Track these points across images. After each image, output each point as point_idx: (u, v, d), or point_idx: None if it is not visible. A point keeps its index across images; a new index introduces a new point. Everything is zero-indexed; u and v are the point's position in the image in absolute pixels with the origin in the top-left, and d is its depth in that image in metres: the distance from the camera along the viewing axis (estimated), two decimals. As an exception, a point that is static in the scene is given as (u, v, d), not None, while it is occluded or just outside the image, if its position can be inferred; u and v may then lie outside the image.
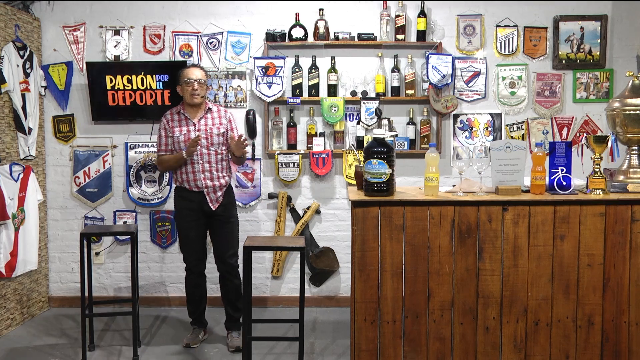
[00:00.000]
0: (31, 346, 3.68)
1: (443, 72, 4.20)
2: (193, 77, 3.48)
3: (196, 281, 3.68)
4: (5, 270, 3.82)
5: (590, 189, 2.71)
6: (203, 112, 3.56)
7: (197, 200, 3.54)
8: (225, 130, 3.58)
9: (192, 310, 3.74)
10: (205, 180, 3.51)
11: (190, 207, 3.56)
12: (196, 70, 3.52)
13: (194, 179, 3.51)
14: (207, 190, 3.53)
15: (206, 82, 3.57)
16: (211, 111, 3.59)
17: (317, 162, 4.28)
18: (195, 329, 3.75)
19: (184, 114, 3.55)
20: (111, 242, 4.47)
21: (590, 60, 4.33)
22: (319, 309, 4.39)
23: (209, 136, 3.52)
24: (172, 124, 3.55)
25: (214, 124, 3.56)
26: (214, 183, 3.53)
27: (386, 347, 2.64)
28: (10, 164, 3.90)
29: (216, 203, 3.56)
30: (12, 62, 3.91)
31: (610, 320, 2.64)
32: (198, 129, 3.51)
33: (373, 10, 4.31)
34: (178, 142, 3.52)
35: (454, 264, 2.63)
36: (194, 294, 3.70)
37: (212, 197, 3.55)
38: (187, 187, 3.54)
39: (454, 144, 4.35)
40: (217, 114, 3.60)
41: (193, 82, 3.47)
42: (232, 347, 3.59)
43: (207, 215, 3.58)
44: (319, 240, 4.44)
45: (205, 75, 3.57)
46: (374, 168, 2.62)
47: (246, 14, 4.34)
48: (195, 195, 3.54)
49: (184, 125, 3.53)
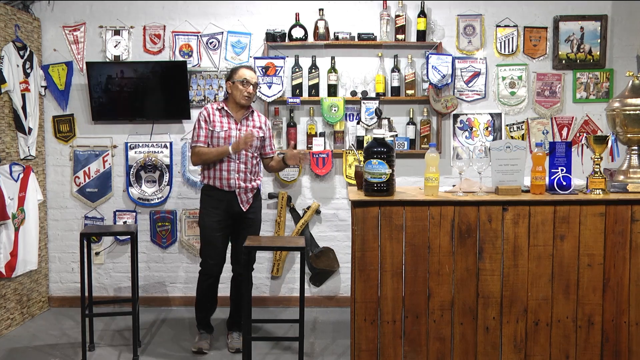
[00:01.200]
0: (31, 346, 3.68)
1: (443, 72, 4.20)
2: (251, 79, 3.47)
3: (213, 284, 3.58)
4: (5, 270, 3.82)
5: (590, 189, 2.71)
6: (247, 113, 3.55)
7: (227, 199, 3.48)
8: (264, 136, 3.58)
9: (201, 316, 3.64)
10: (238, 181, 3.46)
11: (218, 206, 3.49)
12: (252, 73, 3.54)
13: (228, 177, 3.45)
14: (239, 190, 3.48)
15: (257, 86, 3.60)
16: (254, 114, 3.59)
17: (317, 162, 4.28)
18: (203, 334, 3.65)
19: (227, 110, 3.50)
20: (111, 242, 4.47)
21: (590, 60, 4.33)
22: (319, 309, 4.39)
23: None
24: (213, 117, 3.48)
25: (255, 127, 3.54)
26: (247, 185, 3.49)
27: (386, 347, 2.64)
28: (10, 164, 3.90)
29: (247, 204, 3.52)
30: (12, 62, 3.91)
31: (610, 320, 2.64)
32: (239, 129, 3.49)
33: (373, 10, 4.31)
34: (217, 137, 3.45)
35: (454, 264, 2.63)
36: (207, 297, 3.60)
37: (243, 197, 3.50)
38: (217, 185, 3.47)
39: (454, 144, 4.35)
40: (258, 118, 3.60)
41: (249, 85, 3.46)
42: (232, 348, 3.57)
43: (235, 217, 3.52)
44: (319, 240, 4.44)
45: (257, 78, 3.61)
46: (374, 168, 2.62)
47: (246, 14, 4.34)
48: (226, 194, 3.47)
49: (225, 122, 3.48)
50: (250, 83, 3.47)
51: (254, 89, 3.50)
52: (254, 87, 3.49)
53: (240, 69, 3.53)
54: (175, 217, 4.43)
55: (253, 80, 3.49)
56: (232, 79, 3.51)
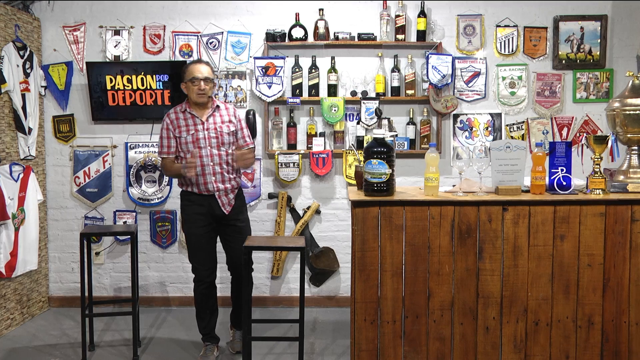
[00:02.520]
0: (31, 346, 3.68)
1: (443, 72, 4.20)
2: (199, 75, 3.22)
3: (207, 292, 3.40)
4: (5, 270, 3.82)
5: (590, 189, 2.71)
6: (211, 109, 3.32)
7: (207, 204, 3.29)
8: (235, 129, 3.35)
9: (203, 325, 3.44)
10: (216, 184, 3.27)
11: (200, 212, 3.30)
12: (202, 67, 3.27)
13: (204, 182, 3.25)
14: (219, 193, 3.29)
15: (213, 79, 3.31)
16: (219, 109, 3.35)
17: (317, 162, 4.28)
18: (209, 346, 3.44)
19: (191, 112, 3.29)
20: (111, 242, 4.47)
21: (590, 60, 4.32)
22: (319, 309, 4.39)
23: (219, 135, 3.28)
24: (177, 123, 3.28)
25: (223, 122, 3.32)
26: (226, 185, 3.30)
27: (386, 347, 2.64)
28: (10, 164, 3.90)
29: (229, 207, 3.33)
30: (12, 62, 3.91)
31: (610, 320, 2.64)
32: (206, 128, 3.27)
33: (373, 10, 4.31)
34: (186, 143, 3.26)
35: (454, 264, 2.63)
36: (206, 306, 3.41)
37: (223, 200, 3.31)
38: (196, 191, 3.28)
39: (454, 144, 4.35)
40: (225, 112, 3.36)
41: (199, 81, 3.22)
42: (233, 350, 3.55)
43: (218, 220, 3.35)
44: (319, 240, 4.44)
45: (211, 71, 3.32)
46: (374, 168, 2.62)
47: (246, 14, 4.34)
48: (206, 199, 3.29)
49: (191, 124, 3.27)
50: (200, 79, 3.21)
51: (206, 83, 3.23)
52: (205, 81, 3.23)
53: (189, 66, 3.30)
54: (175, 217, 4.43)
55: (203, 75, 3.23)
56: (185, 79, 3.29)
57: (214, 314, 3.47)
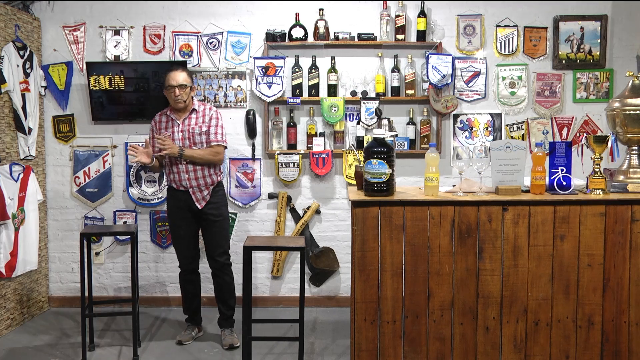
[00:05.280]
0: (31, 346, 3.68)
1: (443, 72, 4.20)
2: (173, 82, 3.49)
3: (189, 278, 3.75)
4: (5, 270, 3.82)
5: (590, 189, 2.71)
6: (188, 113, 3.60)
7: (184, 199, 3.60)
8: (207, 127, 3.59)
9: (185, 307, 3.81)
10: (189, 180, 3.56)
11: (178, 205, 3.63)
12: (177, 75, 3.51)
13: (179, 178, 3.57)
14: (193, 189, 3.58)
15: (189, 84, 3.55)
16: (196, 111, 3.62)
17: (317, 162, 4.28)
18: (189, 326, 3.81)
19: (171, 115, 3.62)
20: (111, 242, 4.47)
21: (590, 60, 4.33)
22: (319, 309, 4.39)
23: (191, 136, 3.56)
24: (159, 125, 3.63)
25: (196, 123, 3.58)
26: (199, 182, 3.57)
27: (386, 347, 2.64)
28: (10, 164, 3.90)
29: (203, 202, 3.61)
30: (12, 62, 3.91)
31: (610, 320, 2.64)
32: (181, 130, 3.57)
33: (373, 10, 4.31)
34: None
35: (454, 264, 2.63)
36: (187, 291, 3.77)
37: (197, 196, 3.59)
38: (174, 186, 3.62)
39: (454, 144, 4.35)
40: (201, 112, 3.61)
41: (174, 88, 3.49)
42: (225, 345, 3.65)
43: (196, 214, 3.63)
44: (319, 240, 4.44)
45: (187, 77, 3.55)
46: (374, 168, 2.62)
47: (246, 14, 4.34)
48: (182, 194, 3.60)
49: (169, 126, 3.60)
50: (174, 86, 3.47)
51: (180, 90, 3.49)
52: (180, 88, 3.48)
53: (167, 73, 3.56)
54: (175, 217, 4.43)
55: (177, 82, 3.48)
56: (164, 86, 3.57)
57: (195, 299, 3.80)
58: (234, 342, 3.62)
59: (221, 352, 3.57)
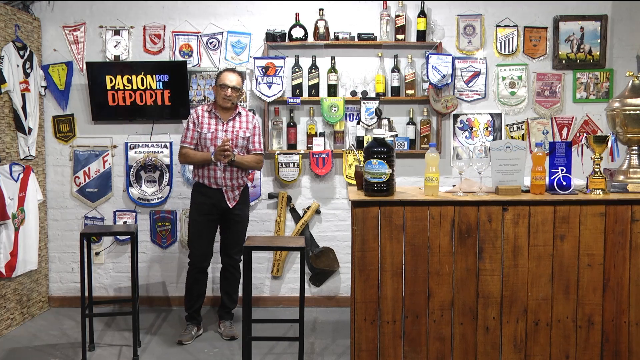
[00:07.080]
0: (31, 346, 3.68)
1: (443, 72, 4.20)
2: (228, 83, 3.60)
3: (198, 277, 3.77)
4: (5, 270, 3.82)
5: (590, 189, 2.71)
6: (233, 115, 3.69)
7: (215, 197, 3.66)
8: (250, 135, 3.71)
9: (189, 305, 3.81)
10: (225, 180, 3.63)
11: (207, 202, 3.68)
12: (233, 76, 3.63)
13: (215, 176, 3.63)
14: (226, 188, 3.66)
15: (241, 89, 3.70)
16: (240, 115, 3.72)
17: (317, 162, 4.28)
18: (189, 325, 3.81)
19: (215, 113, 3.67)
20: (111, 242, 4.47)
21: (590, 60, 4.33)
22: (319, 309, 4.39)
23: (235, 138, 3.65)
24: (202, 119, 3.66)
25: (240, 127, 3.69)
26: (233, 182, 3.66)
27: (386, 347, 2.64)
28: (10, 164, 3.90)
29: (233, 201, 3.70)
30: (12, 62, 3.91)
31: (610, 320, 2.64)
32: (226, 130, 3.64)
33: (373, 10, 4.31)
34: (205, 138, 3.64)
35: (454, 264, 2.63)
36: (193, 289, 3.79)
37: (229, 195, 3.68)
38: (206, 183, 3.65)
39: (454, 144, 4.35)
40: (245, 118, 3.73)
41: (227, 88, 3.59)
42: (226, 336, 3.75)
43: (222, 212, 3.71)
44: (319, 240, 4.44)
45: (241, 81, 3.69)
46: (374, 168, 2.62)
47: (246, 14, 4.34)
48: (214, 192, 3.66)
49: (213, 123, 3.66)
50: (229, 86, 3.59)
51: (233, 91, 3.60)
52: (233, 90, 3.60)
53: (222, 72, 3.68)
54: (175, 217, 4.43)
55: (232, 84, 3.60)
56: (216, 83, 3.68)
57: (200, 298, 3.83)
58: (235, 334, 3.73)
59: (221, 352, 3.58)
